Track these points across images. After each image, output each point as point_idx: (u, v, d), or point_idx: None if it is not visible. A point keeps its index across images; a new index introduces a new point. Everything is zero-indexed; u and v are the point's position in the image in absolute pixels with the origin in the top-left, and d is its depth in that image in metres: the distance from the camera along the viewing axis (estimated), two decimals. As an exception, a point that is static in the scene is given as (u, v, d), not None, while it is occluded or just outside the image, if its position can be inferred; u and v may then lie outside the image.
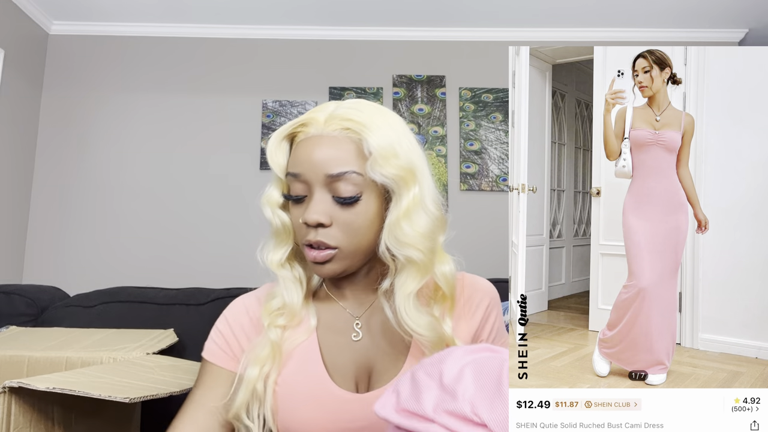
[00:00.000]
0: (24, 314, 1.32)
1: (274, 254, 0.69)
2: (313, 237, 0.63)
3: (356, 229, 0.64)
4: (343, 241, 0.63)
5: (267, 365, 0.65)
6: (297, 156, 0.66)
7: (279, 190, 0.69)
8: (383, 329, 0.69)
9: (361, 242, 0.64)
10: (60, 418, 0.71)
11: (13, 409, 0.63)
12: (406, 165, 0.63)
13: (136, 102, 2.76)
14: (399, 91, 2.79)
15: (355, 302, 0.71)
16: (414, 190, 0.64)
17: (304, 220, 0.63)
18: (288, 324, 0.68)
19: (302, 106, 2.76)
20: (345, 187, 0.62)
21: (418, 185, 0.64)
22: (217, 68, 2.80)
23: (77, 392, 0.62)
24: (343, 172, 0.62)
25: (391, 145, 0.63)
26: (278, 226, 0.68)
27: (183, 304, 1.34)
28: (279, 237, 0.69)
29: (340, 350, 0.68)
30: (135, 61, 2.79)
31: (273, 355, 0.65)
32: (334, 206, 0.63)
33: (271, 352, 0.65)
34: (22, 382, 0.61)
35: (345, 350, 0.68)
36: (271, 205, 0.69)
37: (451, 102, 2.79)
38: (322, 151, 0.63)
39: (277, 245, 0.69)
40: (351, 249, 0.64)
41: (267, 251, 0.69)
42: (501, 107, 2.78)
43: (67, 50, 2.78)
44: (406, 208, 0.63)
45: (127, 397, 0.63)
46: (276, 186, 0.69)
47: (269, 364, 0.65)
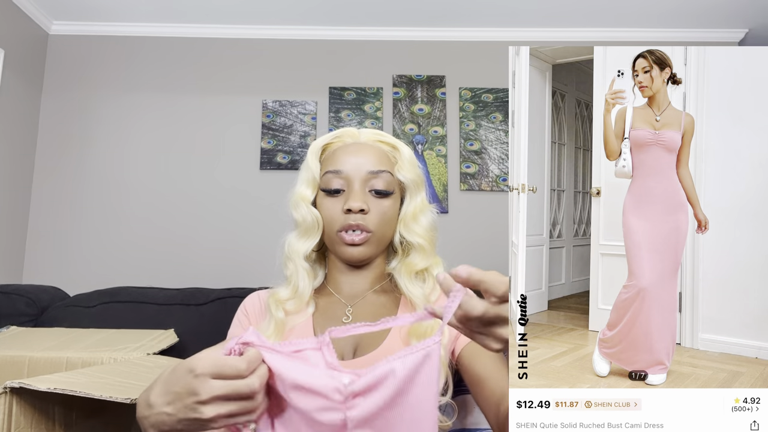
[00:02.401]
0: (24, 314, 1.31)
1: (301, 245, 0.81)
2: (354, 221, 0.78)
3: (387, 219, 0.81)
4: (377, 226, 0.79)
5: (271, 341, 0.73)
6: (337, 157, 0.82)
7: (311, 188, 0.82)
8: (370, 316, 0.80)
9: (387, 232, 0.82)
10: (61, 419, 0.71)
11: (14, 409, 0.63)
12: (419, 174, 0.85)
13: (136, 102, 2.76)
14: (399, 91, 2.79)
15: (350, 296, 0.83)
16: (422, 193, 0.84)
17: (348, 207, 0.78)
18: (294, 310, 0.79)
19: (302, 106, 2.76)
20: (380, 182, 0.80)
21: (424, 191, 0.85)
22: (218, 68, 2.80)
23: (78, 392, 0.62)
24: (381, 170, 0.81)
25: (412, 157, 0.85)
26: (310, 220, 0.80)
27: (183, 304, 1.34)
28: (308, 231, 0.81)
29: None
30: (135, 62, 2.79)
31: (276, 332, 0.77)
32: (371, 198, 0.80)
33: (275, 330, 0.77)
34: (23, 382, 0.62)
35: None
36: (305, 201, 0.81)
37: (451, 102, 2.79)
38: (364, 153, 0.82)
39: (304, 238, 0.81)
40: (380, 235, 0.80)
41: (294, 243, 0.81)
42: (501, 107, 2.78)
43: (67, 50, 2.78)
44: (417, 206, 0.83)
45: (128, 397, 0.63)
46: (307, 185, 0.82)
47: (273, 340, 0.74)
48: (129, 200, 2.67)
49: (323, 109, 2.76)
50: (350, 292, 0.83)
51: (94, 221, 2.65)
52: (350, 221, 0.78)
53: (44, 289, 1.44)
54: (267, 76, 2.79)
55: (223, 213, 2.66)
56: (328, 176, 0.81)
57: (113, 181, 2.69)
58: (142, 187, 2.69)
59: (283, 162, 2.70)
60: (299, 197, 0.82)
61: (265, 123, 2.73)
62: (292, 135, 2.73)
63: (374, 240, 0.80)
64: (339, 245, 0.80)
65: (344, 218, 0.79)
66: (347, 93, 2.78)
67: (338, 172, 0.80)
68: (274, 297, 0.80)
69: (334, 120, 2.75)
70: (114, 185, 2.68)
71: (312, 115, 2.75)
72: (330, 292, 0.84)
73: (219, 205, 2.67)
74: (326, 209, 0.81)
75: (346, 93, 2.78)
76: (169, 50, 2.80)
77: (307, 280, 0.80)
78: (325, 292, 0.85)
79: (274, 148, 2.71)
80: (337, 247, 0.81)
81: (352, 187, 0.80)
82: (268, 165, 2.69)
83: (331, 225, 0.80)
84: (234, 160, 2.71)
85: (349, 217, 0.78)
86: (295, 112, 2.75)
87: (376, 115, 2.75)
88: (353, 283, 0.84)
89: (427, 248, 0.81)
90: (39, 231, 2.63)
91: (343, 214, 0.79)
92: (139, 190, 2.68)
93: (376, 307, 0.81)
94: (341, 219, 0.79)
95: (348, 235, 0.78)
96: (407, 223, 0.82)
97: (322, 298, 0.84)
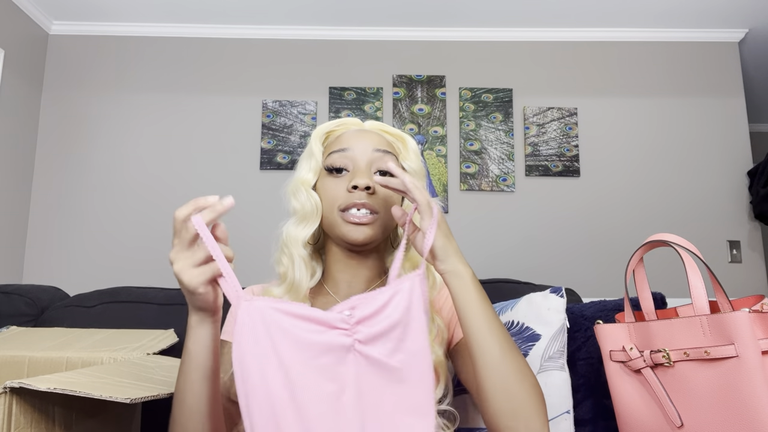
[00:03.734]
0: (24, 314, 1.31)
1: (299, 232, 0.76)
2: (359, 199, 0.74)
3: (392, 203, 0.77)
4: (382, 208, 0.76)
5: None
6: (343, 139, 0.79)
7: (312, 172, 0.79)
8: None
9: (391, 218, 0.77)
10: (61, 419, 0.71)
11: (14, 409, 0.63)
12: (422, 167, 0.83)
13: (136, 102, 2.76)
14: (399, 91, 2.79)
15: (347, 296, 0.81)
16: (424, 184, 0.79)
17: (354, 184, 0.74)
18: None
19: (302, 106, 2.76)
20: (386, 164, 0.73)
21: (425, 184, 0.80)
22: (217, 68, 2.80)
23: (78, 392, 0.62)
24: (388, 150, 0.79)
25: (417, 148, 0.83)
26: (309, 206, 0.76)
27: (183, 304, 1.34)
28: (306, 217, 0.77)
29: None
30: (135, 61, 2.79)
31: None
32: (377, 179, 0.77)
33: None
34: (23, 382, 0.61)
35: None
36: (305, 185, 0.78)
37: (451, 102, 2.79)
38: (369, 137, 0.79)
39: (302, 224, 0.77)
40: (386, 218, 0.77)
41: (292, 229, 0.77)
42: (501, 107, 2.78)
43: (67, 50, 2.78)
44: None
45: (128, 397, 0.63)
46: (309, 169, 0.79)
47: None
48: (129, 200, 2.67)
49: (323, 109, 2.76)
50: (347, 292, 0.79)
51: (94, 221, 2.65)
52: (354, 199, 0.74)
53: (44, 289, 1.44)
54: (267, 76, 2.79)
55: (223, 213, 2.66)
56: (333, 156, 0.78)
57: (114, 181, 2.68)
58: (142, 187, 2.68)
59: (283, 162, 2.70)
60: (299, 182, 0.78)
61: (265, 123, 2.73)
62: (292, 135, 2.73)
63: (380, 222, 0.76)
64: (342, 225, 0.75)
65: (348, 196, 0.75)
66: (347, 93, 2.78)
67: (344, 150, 0.77)
68: (267, 294, 0.76)
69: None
70: (114, 185, 2.68)
71: (312, 115, 2.75)
72: (326, 291, 0.81)
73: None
74: (329, 189, 0.77)
75: (346, 93, 2.78)
76: (169, 50, 2.80)
77: (304, 270, 0.75)
78: (321, 291, 0.81)
79: (274, 148, 2.71)
80: (340, 229, 0.75)
81: (357, 166, 0.76)
82: (268, 165, 2.69)
83: (332, 205, 0.76)
84: (234, 160, 2.71)
85: (354, 195, 0.74)
86: (295, 112, 2.75)
87: (376, 115, 2.75)
88: (351, 281, 0.80)
89: None
90: (39, 231, 2.63)
91: (348, 192, 0.75)
92: (139, 189, 2.68)
93: None
94: (345, 197, 0.75)
95: (353, 216, 0.74)
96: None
97: (319, 298, 0.80)
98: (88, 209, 2.66)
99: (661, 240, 0.78)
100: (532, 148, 2.73)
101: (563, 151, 2.73)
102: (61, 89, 2.75)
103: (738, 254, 2.64)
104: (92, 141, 2.72)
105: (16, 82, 2.51)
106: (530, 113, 2.76)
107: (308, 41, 2.82)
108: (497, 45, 2.84)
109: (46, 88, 2.74)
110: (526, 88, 2.80)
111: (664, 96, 2.79)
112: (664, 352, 0.71)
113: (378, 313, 0.55)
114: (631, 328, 0.78)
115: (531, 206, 2.69)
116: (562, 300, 0.96)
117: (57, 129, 2.71)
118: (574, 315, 1.02)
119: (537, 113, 2.76)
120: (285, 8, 2.64)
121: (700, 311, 0.70)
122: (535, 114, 2.76)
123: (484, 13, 2.67)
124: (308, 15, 2.69)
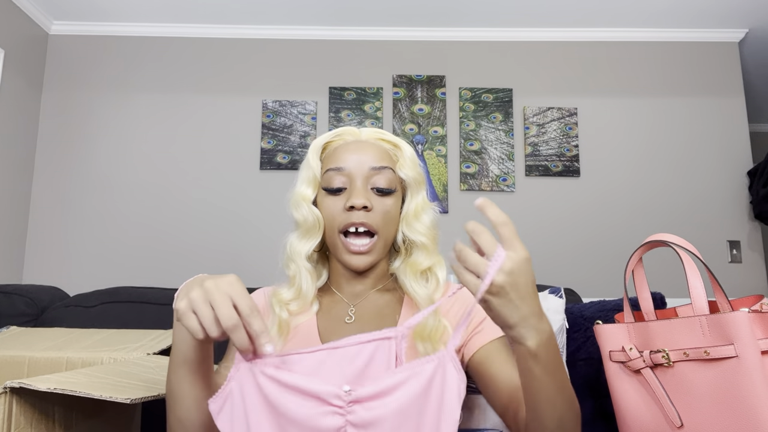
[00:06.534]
0: (24, 314, 1.31)
1: (303, 246, 0.79)
2: (358, 218, 0.76)
3: (391, 218, 0.79)
4: (381, 226, 0.78)
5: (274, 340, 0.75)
6: (339, 155, 0.80)
7: (311, 188, 0.80)
8: (372, 315, 0.79)
9: (390, 232, 0.80)
10: (61, 419, 0.71)
11: (14, 409, 0.63)
12: (420, 172, 0.83)
13: (136, 102, 2.76)
14: (399, 91, 2.78)
15: (353, 296, 0.82)
16: (423, 192, 0.83)
17: (351, 204, 0.75)
18: (297, 311, 0.78)
19: (302, 106, 2.76)
20: (383, 180, 0.78)
21: (424, 190, 0.83)
22: (218, 68, 2.80)
23: (78, 393, 0.62)
24: (383, 166, 0.79)
25: (414, 155, 0.83)
26: (312, 220, 0.78)
27: (183, 304, 1.34)
28: (309, 231, 0.79)
29: (334, 329, 0.78)
30: (135, 61, 2.79)
31: (280, 331, 0.76)
32: (374, 197, 0.78)
33: (278, 329, 0.75)
34: (23, 382, 0.62)
35: (338, 329, 0.78)
36: (305, 200, 0.79)
37: (451, 102, 2.79)
38: (365, 150, 0.80)
39: (305, 238, 0.79)
40: (385, 236, 0.79)
41: (295, 243, 0.79)
42: (501, 107, 2.78)
43: (67, 50, 2.78)
44: (418, 204, 0.82)
45: (128, 397, 0.63)
46: (308, 184, 0.80)
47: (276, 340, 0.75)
48: (129, 200, 2.67)
49: (323, 109, 2.76)
50: (353, 292, 0.82)
51: (94, 221, 2.65)
52: (353, 219, 0.76)
53: (44, 289, 1.44)
54: (267, 76, 2.79)
55: (223, 213, 2.66)
56: (330, 174, 0.79)
57: (114, 181, 2.68)
58: (142, 187, 2.68)
59: (283, 162, 2.70)
60: (300, 197, 0.80)
61: (265, 123, 2.73)
62: (292, 135, 2.73)
63: (379, 245, 0.78)
64: (344, 253, 0.78)
65: (346, 216, 0.77)
66: (347, 93, 2.78)
67: (340, 169, 0.78)
68: (277, 297, 0.78)
69: (334, 120, 2.74)
70: (114, 185, 2.68)
71: (312, 115, 2.75)
72: (333, 291, 0.84)
73: (219, 205, 2.67)
74: (327, 208, 0.79)
75: (346, 93, 2.78)
76: (169, 50, 2.80)
77: (311, 281, 0.79)
78: (328, 291, 0.84)
79: (274, 148, 2.71)
80: (341, 255, 0.79)
81: (354, 185, 0.78)
82: (268, 165, 2.69)
83: (333, 224, 0.78)
84: (234, 160, 2.71)
85: (352, 215, 0.76)
86: (295, 112, 2.75)
87: (376, 115, 2.75)
88: (356, 284, 0.82)
89: (429, 247, 0.80)
90: (39, 231, 2.63)
91: (345, 212, 0.77)
92: (139, 190, 2.68)
93: (379, 307, 0.80)
94: (343, 217, 0.77)
95: (353, 244, 0.77)
96: (409, 222, 0.81)
97: (326, 297, 0.83)
98: (87, 209, 2.66)
99: (661, 240, 0.78)
100: (532, 148, 2.73)
101: (563, 151, 2.73)
102: (61, 89, 2.75)
103: (738, 254, 2.64)
104: (92, 141, 2.71)
105: (16, 82, 2.51)
106: (530, 113, 2.76)
107: (308, 41, 2.82)
108: (497, 45, 2.84)
109: (46, 88, 2.74)
110: (526, 88, 2.80)
111: (664, 96, 2.79)
112: (663, 353, 0.71)
113: (382, 395, 0.49)
114: (631, 329, 0.78)
115: (531, 206, 2.69)
116: (561, 301, 0.96)
117: (57, 129, 2.71)
118: (573, 315, 1.02)
119: (537, 113, 2.76)
120: (285, 8, 2.63)
121: (700, 311, 0.70)
122: (535, 114, 2.76)
123: (484, 13, 2.67)
124: (308, 15, 2.69)
